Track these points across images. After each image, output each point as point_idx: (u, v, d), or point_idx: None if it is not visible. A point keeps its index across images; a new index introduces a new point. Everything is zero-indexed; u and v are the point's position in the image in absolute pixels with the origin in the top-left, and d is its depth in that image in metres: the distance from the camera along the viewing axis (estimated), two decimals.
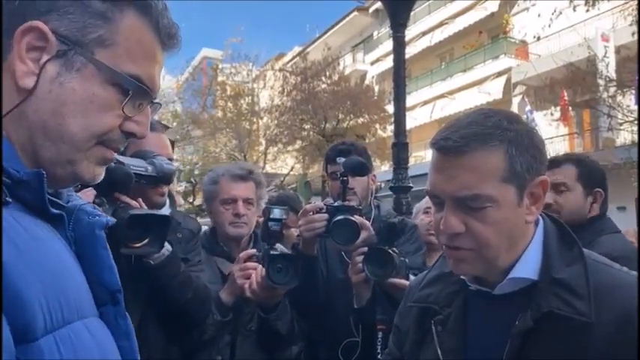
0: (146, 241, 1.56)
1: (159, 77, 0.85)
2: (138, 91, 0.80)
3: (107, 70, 0.77)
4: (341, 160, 2.15)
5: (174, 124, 19.54)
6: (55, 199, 0.79)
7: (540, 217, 1.16)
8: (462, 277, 1.20)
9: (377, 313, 1.98)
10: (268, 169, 21.43)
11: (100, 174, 0.83)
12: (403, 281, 1.90)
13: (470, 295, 1.20)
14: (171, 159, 1.87)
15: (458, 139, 1.05)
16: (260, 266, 2.05)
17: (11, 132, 0.74)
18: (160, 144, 1.86)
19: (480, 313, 1.17)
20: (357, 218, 2.00)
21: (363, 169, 2.19)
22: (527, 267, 1.10)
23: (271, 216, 2.08)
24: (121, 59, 0.78)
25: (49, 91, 0.74)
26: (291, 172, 21.06)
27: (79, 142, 0.77)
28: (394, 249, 1.93)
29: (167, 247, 1.73)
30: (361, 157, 2.28)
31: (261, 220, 2.40)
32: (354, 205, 2.08)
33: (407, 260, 1.97)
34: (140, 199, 1.66)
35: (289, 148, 20.34)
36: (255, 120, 21.79)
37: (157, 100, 0.86)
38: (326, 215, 2.03)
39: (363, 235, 1.99)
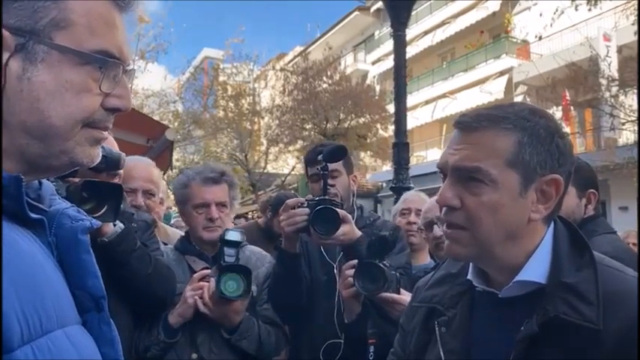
0: (103, 211, 1.61)
1: (126, 41, 0.80)
2: (109, 65, 0.76)
3: (72, 53, 0.73)
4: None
5: (176, 124, 19.55)
6: (36, 204, 0.76)
7: (552, 220, 1.12)
8: (468, 277, 1.17)
9: (368, 327, 1.94)
10: (269, 169, 21.44)
11: (97, 155, 0.80)
12: (394, 295, 1.88)
13: (476, 296, 1.17)
14: None
15: (473, 117, 1.08)
16: (212, 280, 2.01)
17: None
18: (107, 142, 1.89)
19: (486, 315, 1.14)
20: (338, 210, 1.99)
21: (342, 151, 2.15)
22: (535, 270, 1.06)
23: (226, 237, 2.09)
24: (83, 37, 0.74)
25: (20, 91, 0.71)
26: (293, 172, 21.05)
27: (65, 132, 0.74)
28: (385, 262, 1.90)
29: (120, 225, 1.76)
30: None
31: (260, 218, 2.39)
32: (336, 201, 2.07)
33: (398, 274, 1.94)
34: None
35: (290, 148, 20.34)
36: (256, 120, 21.79)
37: (130, 67, 0.82)
38: (307, 210, 2.00)
39: (345, 228, 1.97)
